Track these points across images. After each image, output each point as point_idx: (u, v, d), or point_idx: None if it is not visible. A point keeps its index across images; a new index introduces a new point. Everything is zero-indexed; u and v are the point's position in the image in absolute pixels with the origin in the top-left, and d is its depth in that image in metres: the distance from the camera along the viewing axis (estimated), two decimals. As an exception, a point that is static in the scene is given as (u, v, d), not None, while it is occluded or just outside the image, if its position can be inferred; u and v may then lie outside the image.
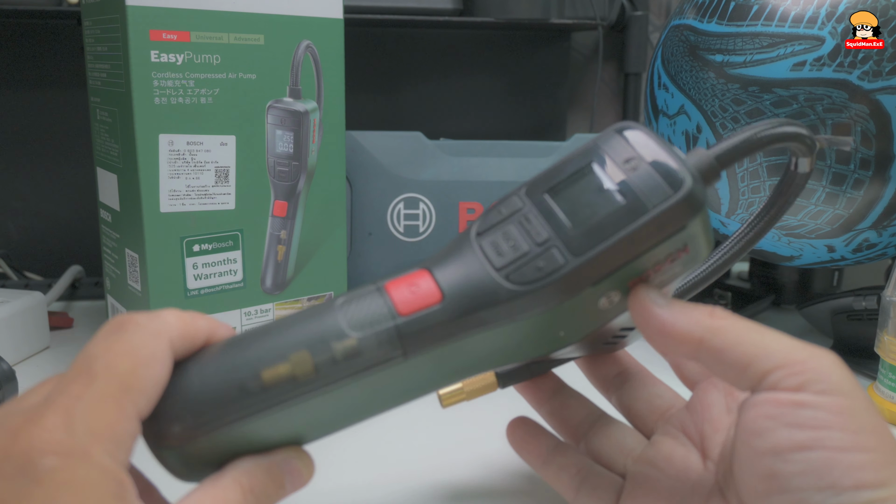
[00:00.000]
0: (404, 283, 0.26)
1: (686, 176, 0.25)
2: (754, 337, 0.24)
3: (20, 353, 0.50)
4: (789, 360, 0.24)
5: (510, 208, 0.27)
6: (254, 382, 0.24)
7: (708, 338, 0.25)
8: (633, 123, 0.27)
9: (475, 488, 0.36)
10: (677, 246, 0.25)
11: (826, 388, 0.23)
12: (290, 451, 0.25)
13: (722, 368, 0.25)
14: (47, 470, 0.20)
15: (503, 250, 0.26)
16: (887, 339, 0.44)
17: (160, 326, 0.23)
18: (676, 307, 0.26)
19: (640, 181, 0.25)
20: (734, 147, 0.27)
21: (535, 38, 0.77)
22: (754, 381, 0.24)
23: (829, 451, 0.22)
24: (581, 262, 0.25)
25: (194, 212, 0.45)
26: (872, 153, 0.43)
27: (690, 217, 0.25)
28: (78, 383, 0.21)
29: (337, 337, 0.25)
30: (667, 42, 0.52)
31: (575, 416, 0.34)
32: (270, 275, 0.49)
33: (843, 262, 0.49)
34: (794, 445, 0.23)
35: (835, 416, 0.23)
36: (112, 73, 0.44)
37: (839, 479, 0.22)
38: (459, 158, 0.59)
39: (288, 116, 0.47)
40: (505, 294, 0.25)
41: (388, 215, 0.58)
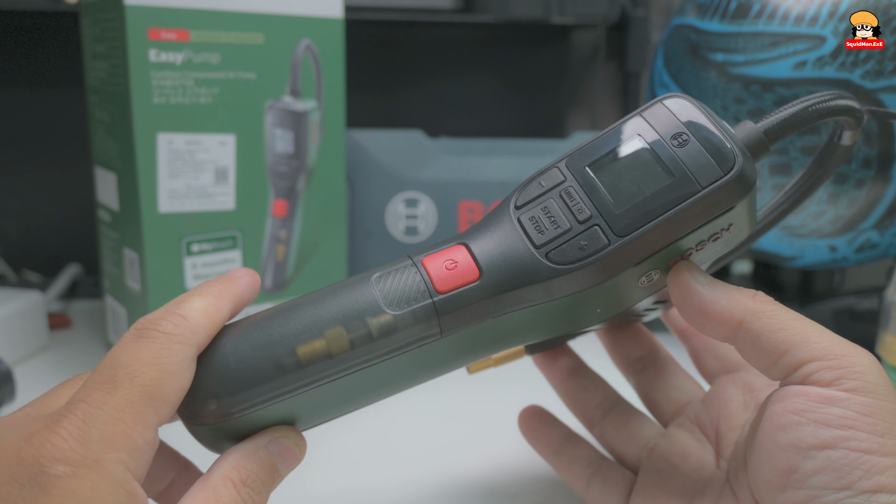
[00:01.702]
0: (441, 258, 0.26)
1: (737, 154, 0.24)
2: (796, 325, 0.24)
3: (19, 353, 0.50)
4: (828, 352, 0.23)
5: (551, 181, 0.26)
6: (289, 359, 0.24)
7: (749, 320, 0.24)
8: (681, 94, 0.26)
9: (484, 478, 0.36)
10: (722, 226, 0.25)
11: (859, 386, 0.23)
12: (277, 431, 0.25)
13: (758, 354, 0.24)
14: (56, 478, 0.20)
15: (543, 227, 0.25)
16: (889, 339, 0.43)
17: (187, 334, 0.23)
18: (718, 287, 0.25)
19: (690, 159, 0.24)
20: (784, 121, 0.26)
21: (536, 38, 0.77)
22: (789, 369, 0.24)
23: (853, 452, 0.22)
24: (625, 242, 0.24)
25: (193, 212, 0.45)
26: (874, 153, 0.43)
27: (740, 198, 0.24)
28: (100, 391, 0.21)
29: (373, 313, 0.25)
30: (668, 41, 0.52)
31: (593, 399, 0.33)
32: (270, 275, 0.49)
33: (844, 262, 0.49)
34: (818, 443, 0.22)
35: (863, 416, 0.22)
36: (111, 73, 0.44)
37: (858, 480, 0.22)
38: (459, 157, 0.59)
39: (288, 116, 0.47)
40: (545, 273, 0.25)
41: (388, 215, 0.58)
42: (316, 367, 0.24)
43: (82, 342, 0.54)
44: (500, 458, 0.39)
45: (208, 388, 0.23)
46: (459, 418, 0.43)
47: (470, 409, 0.44)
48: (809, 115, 0.26)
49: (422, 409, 0.44)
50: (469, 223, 0.58)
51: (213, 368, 0.24)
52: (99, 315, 0.60)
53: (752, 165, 0.24)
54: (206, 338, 0.24)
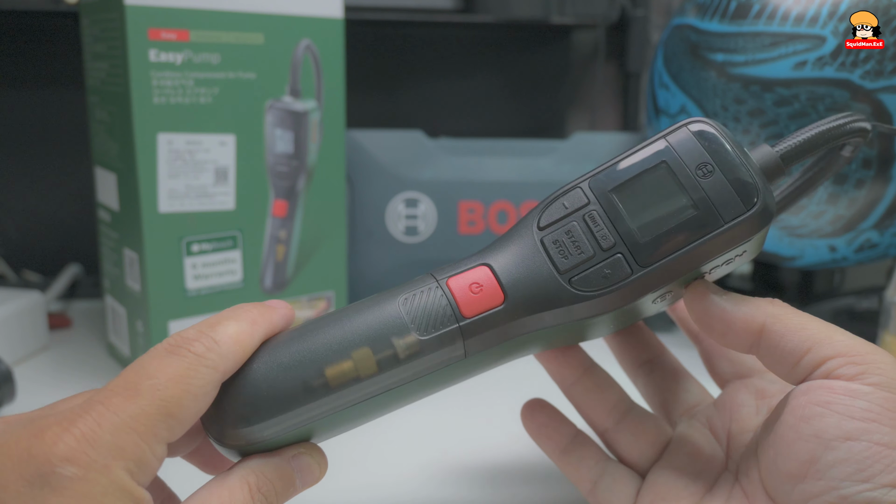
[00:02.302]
0: (466, 279, 0.26)
1: (760, 190, 0.25)
2: (817, 325, 0.25)
3: (18, 353, 0.50)
4: (851, 349, 0.24)
5: (574, 203, 0.27)
6: (318, 381, 0.24)
7: (770, 323, 0.25)
8: (704, 120, 0.26)
9: (484, 471, 0.36)
10: (738, 253, 0.26)
11: (882, 381, 0.23)
12: (302, 447, 0.25)
13: (780, 355, 0.25)
14: (67, 479, 0.20)
15: (568, 252, 0.26)
16: (889, 339, 0.43)
17: (216, 360, 0.23)
18: (736, 297, 0.26)
19: (714, 192, 0.25)
20: (800, 145, 0.27)
21: (536, 38, 0.77)
22: (811, 367, 0.24)
23: (875, 445, 0.22)
24: (648, 272, 0.25)
25: (193, 212, 0.45)
26: (874, 153, 0.43)
27: (758, 230, 0.25)
28: (121, 397, 0.21)
29: (399, 334, 0.25)
30: (668, 41, 0.52)
31: (607, 402, 0.32)
32: (270, 275, 0.49)
33: (844, 262, 0.49)
34: (841, 434, 0.22)
35: (887, 411, 0.22)
36: (111, 73, 0.44)
37: (878, 474, 0.22)
38: (459, 158, 0.59)
39: (288, 116, 0.47)
40: (568, 299, 0.26)
41: (388, 215, 0.58)
42: (344, 390, 0.25)
43: (82, 342, 0.54)
44: (499, 451, 0.39)
45: (240, 412, 0.24)
46: (459, 413, 0.43)
47: (469, 403, 0.44)
48: (825, 139, 0.27)
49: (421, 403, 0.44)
50: (469, 223, 0.58)
51: (244, 392, 0.24)
52: (99, 315, 0.60)
53: (772, 197, 0.25)
54: (234, 365, 0.24)
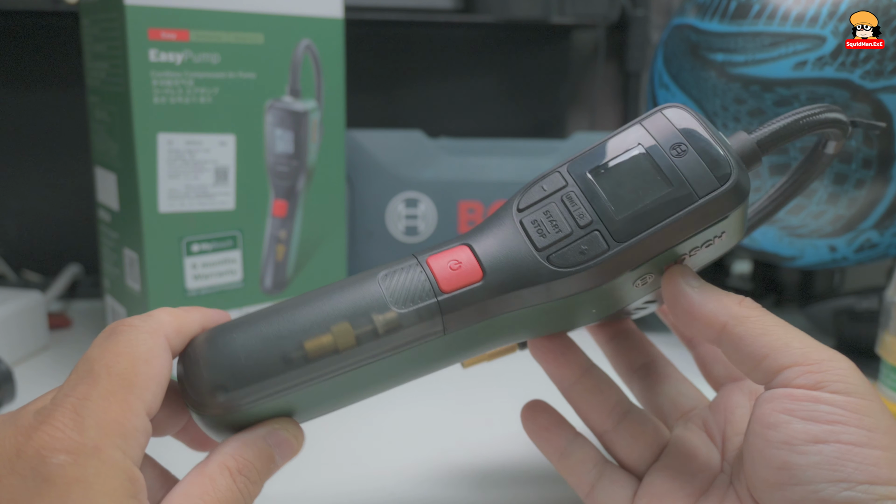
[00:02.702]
0: (446, 258, 0.27)
1: (733, 167, 0.25)
2: (777, 331, 0.25)
3: (19, 353, 0.50)
4: (807, 358, 0.24)
5: (553, 185, 0.27)
6: (297, 353, 0.25)
7: (731, 324, 0.25)
8: (679, 105, 0.27)
9: (479, 470, 0.36)
10: (716, 233, 0.26)
11: (842, 388, 0.23)
12: (277, 423, 0.25)
13: (739, 357, 0.25)
14: (59, 467, 0.20)
15: (545, 230, 0.26)
16: (889, 339, 0.43)
17: (154, 325, 0.24)
18: (707, 291, 0.26)
19: (687, 169, 0.25)
20: (775, 132, 0.27)
21: (536, 38, 0.77)
22: (770, 374, 0.24)
23: (844, 445, 0.22)
24: (624, 248, 0.25)
25: (193, 212, 0.45)
26: (874, 153, 0.43)
27: (735, 207, 0.25)
28: (83, 385, 0.22)
29: (378, 309, 0.25)
30: (668, 41, 0.52)
31: (606, 404, 0.32)
32: (270, 275, 0.49)
33: (844, 262, 0.49)
34: (808, 438, 0.23)
35: (850, 412, 0.23)
36: (111, 73, 0.44)
37: (853, 472, 0.22)
38: (459, 158, 0.59)
39: (288, 116, 0.47)
40: (546, 275, 0.26)
41: (388, 215, 0.58)
42: (323, 361, 0.25)
43: (82, 342, 0.54)
44: (498, 451, 0.39)
45: (217, 380, 0.24)
46: (455, 411, 0.43)
47: (465, 400, 0.44)
48: (800, 128, 0.27)
49: (418, 401, 0.44)
50: (469, 223, 0.58)
51: (222, 361, 0.24)
52: (99, 315, 0.60)
53: (746, 176, 0.25)
54: (174, 331, 0.24)
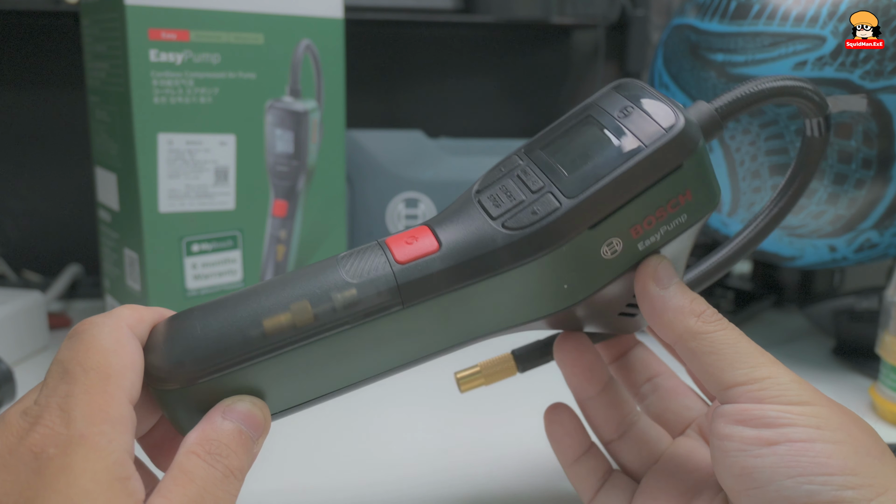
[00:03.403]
0: (404, 237, 0.27)
1: (679, 116, 0.25)
2: (725, 350, 0.25)
3: (19, 352, 0.50)
4: (751, 378, 0.25)
5: (509, 166, 0.28)
6: (255, 330, 0.25)
7: (685, 339, 0.26)
8: (630, 79, 0.27)
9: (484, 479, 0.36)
10: (677, 189, 0.25)
11: (786, 399, 0.24)
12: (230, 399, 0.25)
13: (694, 368, 0.26)
14: (47, 459, 0.21)
15: (500, 201, 0.27)
16: (889, 339, 0.43)
17: (116, 319, 0.25)
18: (673, 293, 0.26)
19: (633, 124, 0.26)
20: (735, 99, 0.27)
21: (536, 38, 0.77)
22: (719, 390, 0.25)
23: (795, 443, 0.23)
24: (576, 203, 0.25)
25: (193, 212, 0.45)
26: (874, 153, 0.43)
27: (685, 156, 0.25)
28: (63, 385, 0.22)
29: (337, 287, 0.26)
30: (668, 41, 0.52)
31: (618, 416, 0.32)
32: (270, 275, 0.49)
33: (844, 262, 0.49)
34: (761, 442, 0.24)
35: (797, 415, 0.24)
36: (111, 73, 0.44)
37: (807, 467, 0.23)
38: (459, 158, 0.59)
39: (288, 116, 0.47)
40: (501, 239, 0.26)
41: (388, 215, 0.58)
42: (280, 336, 0.25)
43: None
44: (498, 452, 0.39)
45: (175, 353, 0.24)
46: (458, 414, 0.43)
47: (468, 403, 0.44)
48: (759, 94, 0.27)
49: (418, 402, 0.44)
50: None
51: (180, 336, 0.25)
52: (99, 315, 0.60)
53: (696, 129, 0.25)
54: (136, 321, 0.25)
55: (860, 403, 0.46)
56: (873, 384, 0.46)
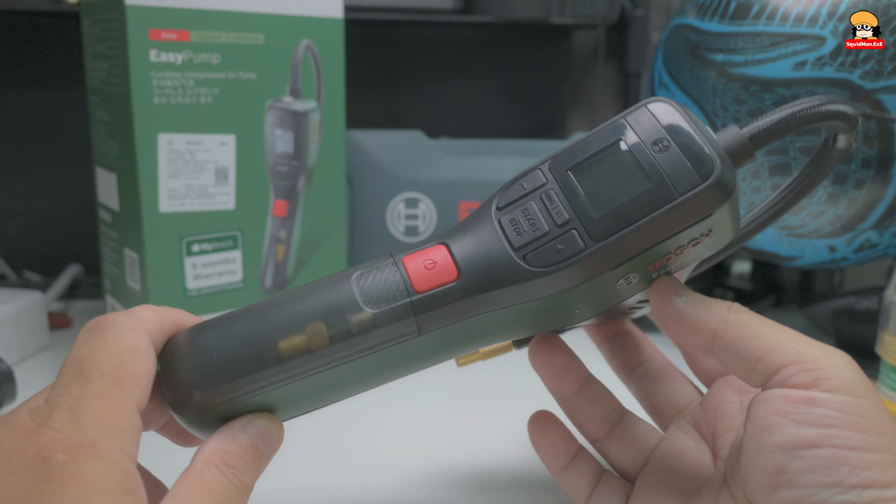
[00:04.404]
0: (422, 257, 0.26)
1: (716, 162, 0.24)
2: (769, 332, 0.25)
3: (19, 353, 0.50)
4: (802, 357, 0.24)
5: (532, 184, 0.26)
6: (270, 353, 0.24)
7: (723, 330, 0.25)
8: (665, 99, 0.26)
9: (476, 471, 0.36)
10: (702, 231, 0.25)
11: (837, 386, 0.23)
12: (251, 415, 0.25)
13: (734, 362, 0.25)
14: (57, 466, 0.20)
15: (522, 229, 0.26)
16: (888, 339, 0.43)
17: (137, 322, 0.24)
18: (695, 299, 0.26)
19: (668, 165, 0.24)
20: (770, 127, 0.26)
21: (536, 38, 0.77)
22: (766, 376, 0.24)
23: (839, 450, 0.22)
24: (601, 247, 0.24)
25: (194, 212, 0.45)
26: (874, 153, 0.43)
27: (718, 205, 0.24)
28: (75, 384, 0.22)
29: (353, 310, 0.25)
30: (668, 42, 0.52)
31: (600, 413, 0.32)
32: (270, 275, 0.49)
33: (844, 262, 0.49)
34: (803, 442, 0.23)
35: (845, 415, 0.23)
36: (111, 73, 0.44)
37: (846, 476, 0.22)
38: (460, 158, 0.59)
39: (288, 116, 0.47)
40: (522, 275, 0.25)
41: (388, 215, 0.58)
42: (296, 361, 0.25)
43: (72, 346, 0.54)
44: (497, 453, 0.39)
45: (192, 379, 0.24)
46: (454, 411, 0.43)
47: (463, 401, 0.44)
48: (797, 122, 0.26)
49: (417, 402, 0.44)
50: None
51: (196, 360, 0.24)
52: (99, 315, 0.60)
53: (731, 172, 0.24)
54: (156, 328, 0.25)
55: (860, 403, 0.46)
56: (873, 384, 0.46)
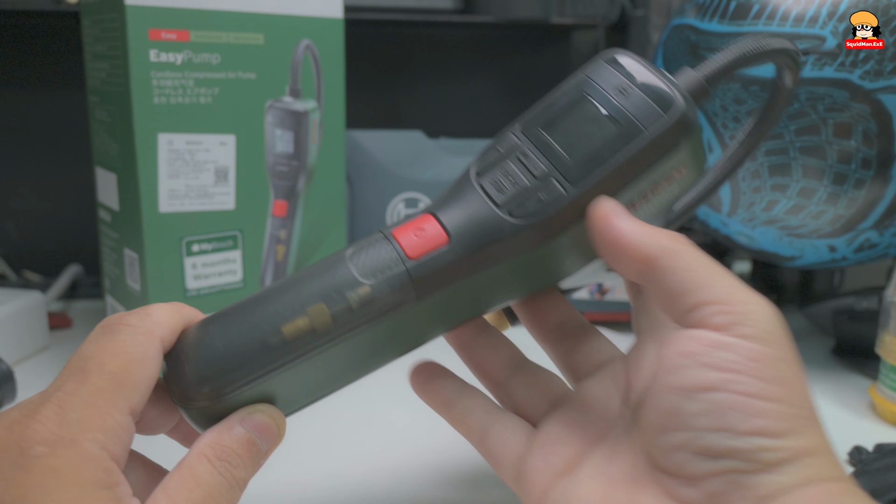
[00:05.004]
0: (410, 228, 0.27)
1: (678, 97, 0.25)
2: (704, 268, 0.24)
3: (19, 353, 0.50)
4: (727, 298, 0.23)
5: (507, 146, 0.28)
6: (275, 338, 0.25)
7: (660, 257, 0.24)
8: (620, 50, 0.27)
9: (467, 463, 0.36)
10: (673, 166, 0.26)
11: (751, 333, 0.23)
12: (251, 408, 0.25)
13: (661, 293, 0.25)
14: (35, 457, 0.21)
15: (504, 187, 0.27)
16: (889, 339, 0.43)
17: (151, 326, 0.24)
18: (638, 223, 0.25)
19: (633, 106, 0.26)
20: (722, 66, 0.28)
21: (536, 38, 0.77)
22: (686, 310, 0.24)
23: (735, 395, 0.22)
24: (581, 189, 0.25)
25: (193, 212, 0.45)
26: (874, 153, 0.43)
27: (684, 137, 0.25)
28: (73, 380, 0.22)
29: (351, 286, 0.26)
30: (668, 41, 0.52)
31: (500, 359, 0.31)
32: (270, 275, 0.49)
33: (844, 262, 0.49)
34: (702, 385, 0.22)
35: (750, 361, 0.22)
36: (111, 73, 0.44)
37: (737, 422, 0.22)
38: (460, 158, 0.59)
39: (288, 116, 0.47)
40: (510, 228, 0.26)
41: (388, 215, 0.58)
42: (301, 341, 0.25)
43: (83, 342, 0.54)
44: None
45: (200, 372, 0.25)
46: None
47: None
48: (745, 59, 0.28)
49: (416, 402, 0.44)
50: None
51: (203, 354, 0.25)
52: (99, 315, 0.60)
53: (693, 107, 0.26)
54: (169, 332, 0.25)
55: (860, 403, 0.46)
56: (873, 384, 0.46)
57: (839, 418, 0.44)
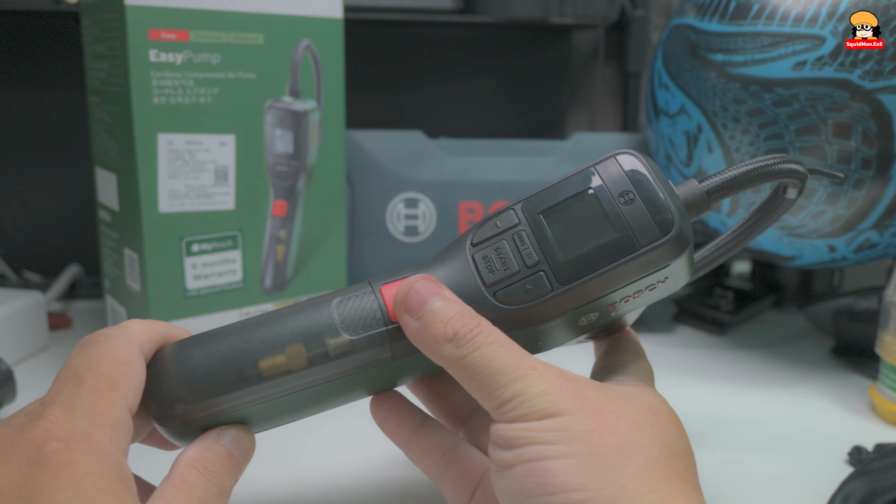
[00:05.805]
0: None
1: (676, 217, 0.26)
2: (480, 374, 0.25)
3: (19, 353, 0.50)
4: (500, 400, 0.25)
5: (505, 223, 0.28)
6: (251, 371, 0.26)
7: (448, 368, 0.26)
8: (632, 152, 0.28)
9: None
10: (659, 279, 0.27)
11: (532, 416, 0.24)
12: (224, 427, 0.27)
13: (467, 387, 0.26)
14: (51, 453, 0.21)
15: (495, 267, 0.28)
16: (888, 339, 0.44)
17: (129, 335, 0.26)
18: (427, 321, 0.26)
19: (632, 217, 0.26)
20: (726, 182, 0.28)
21: (535, 38, 0.77)
22: (490, 412, 0.25)
23: (529, 463, 0.23)
24: (566, 290, 0.26)
25: (193, 212, 0.45)
26: (873, 153, 0.43)
27: (675, 257, 0.26)
28: (69, 385, 0.23)
29: (331, 334, 0.27)
30: (668, 41, 0.52)
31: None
32: (270, 275, 0.49)
33: (844, 262, 0.49)
34: (505, 463, 0.24)
35: (537, 433, 0.24)
36: (111, 73, 0.44)
37: (534, 488, 0.23)
38: (459, 158, 0.59)
39: (287, 116, 0.47)
40: (492, 311, 0.27)
41: (388, 215, 0.58)
42: (276, 381, 0.26)
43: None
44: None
45: (176, 393, 0.26)
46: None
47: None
48: (752, 178, 0.29)
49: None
50: (469, 223, 0.58)
51: (181, 376, 0.26)
52: (99, 315, 0.60)
53: (689, 227, 0.27)
54: (146, 341, 0.26)
55: (860, 403, 0.46)
56: (873, 384, 0.46)
57: (839, 418, 0.44)
